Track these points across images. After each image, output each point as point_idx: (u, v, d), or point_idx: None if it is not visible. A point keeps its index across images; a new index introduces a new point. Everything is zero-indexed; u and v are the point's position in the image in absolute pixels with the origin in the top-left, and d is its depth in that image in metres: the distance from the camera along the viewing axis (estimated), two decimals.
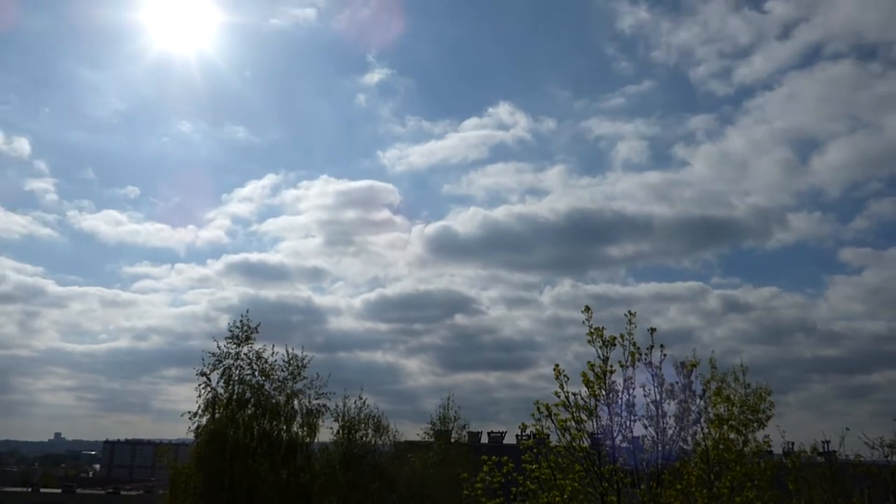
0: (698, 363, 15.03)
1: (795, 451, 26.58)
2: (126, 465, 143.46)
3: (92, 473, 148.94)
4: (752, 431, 19.36)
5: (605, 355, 12.75)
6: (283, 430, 27.10)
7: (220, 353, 26.75)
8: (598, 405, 12.64)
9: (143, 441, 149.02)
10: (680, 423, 13.79)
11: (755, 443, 18.53)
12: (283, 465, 26.60)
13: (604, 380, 12.64)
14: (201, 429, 25.91)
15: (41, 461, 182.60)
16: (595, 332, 12.84)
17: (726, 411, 17.29)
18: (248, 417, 26.42)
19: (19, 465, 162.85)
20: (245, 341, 27.08)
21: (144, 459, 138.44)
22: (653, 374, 13.33)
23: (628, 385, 12.87)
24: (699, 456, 15.89)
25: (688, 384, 14.18)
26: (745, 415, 19.83)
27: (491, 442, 59.11)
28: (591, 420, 12.62)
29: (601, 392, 12.64)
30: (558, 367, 12.67)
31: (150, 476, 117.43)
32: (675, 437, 13.65)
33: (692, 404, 14.28)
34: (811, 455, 26.31)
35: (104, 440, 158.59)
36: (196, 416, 25.86)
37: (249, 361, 26.99)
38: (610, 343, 12.78)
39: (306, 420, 27.52)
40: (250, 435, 26.38)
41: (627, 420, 12.84)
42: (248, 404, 26.52)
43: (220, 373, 26.52)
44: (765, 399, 21.36)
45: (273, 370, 27.27)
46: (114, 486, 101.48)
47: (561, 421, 12.50)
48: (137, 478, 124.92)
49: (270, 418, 26.74)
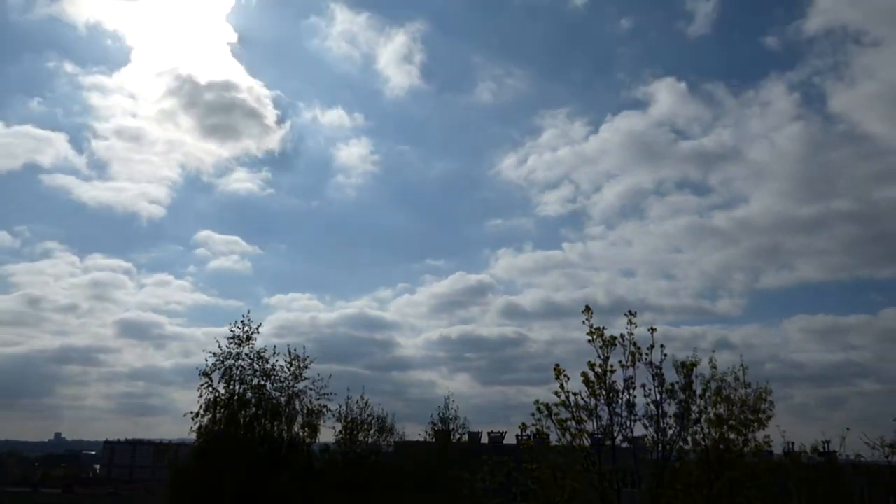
0: (698, 363, 15.06)
1: (795, 451, 26.62)
2: (126, 465, 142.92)
3: (92, 473, 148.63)
4: (752, 431, 19.35)
5: (605, 355, 12.79)
6: (284, 430, 27.09)
7: (222, 354, 26.79)
8: (598, 405, 12.68)
9: (143, 441, 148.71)
10: (680, 423, 13.80)
11: (755, 443, 18.53)
12: (284, 465, 26.60)
13: (604, 380, 12.67)
14: (202, 429, 25.93)
15: (41, 461, 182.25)
16: (595, 332, 12.87)
17: (726, 411, 17.29)
18: (249, 418, 26.42)
19: (19, 465, 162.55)
20: (246, 341, 27.11)
21: (144, 459, 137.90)
22: (653, 374, 13.35)
23: (628, 385, 12.90)
24: (699, 456, 15.90)
25: (688, 384, 14.19)
26: (745, 415, 19.81)
27: (491, 442, 59.07)
28: (592, 420, 12.66)
29: (601, 392, 12.67)
30: (559, 367, 12.72)
31: (150, 476, 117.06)
32: (675, 437, 13.66)
33: (692, 404, 14.28)
34: (811, 455, 26.34)
35: (104, 440, 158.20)
36: (197, 416, 25.90)
37: (251, 361, 27.04)
38: (610, 343, 12.81)
39: (307, 420, 27.53)
40: (251, 435, 26.37)
41: (627, 420, 12.87)
42: (249, 404, 26.52)
43: (221, 373, 26.55)
44: (765, 399, 21.35)
45: (274, 370, 27.31)
46: (114, 486, 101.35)
47: (561, 421, 12.53)
48: (137, 478, 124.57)
49: (271, 419, 26.73)
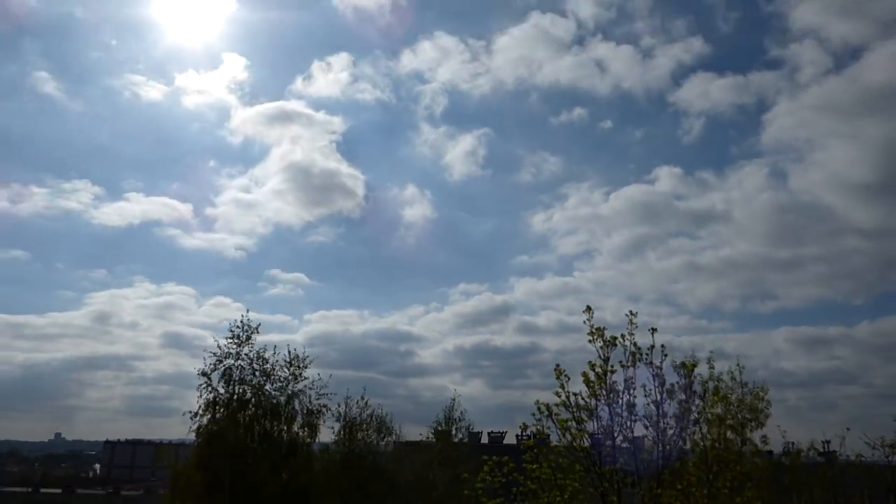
0: (698, 363, 15.07)
1: (794, 451, 26.60)
2: (126, 465, 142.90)
3: (92, 473, 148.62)
4: (750, 431, 19.39)
5: (605, 355, 12.80)
6: (284, 430, 27.09)
7: (221, 353, 26.80)
8: (598, 405, 12.68)
9: (143, 441, 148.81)
10: (680, 424, 13.81)
11: (753, 442, 18.55)
12: (284, 465, 26.60)
13: (604, 380, 12.67)
14: (202, 429, 25.94)
15: (41, 461, 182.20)
16: (596, 332, 12.87)
17: (724, 411, 17.31)
18: (248, 418, 26.42)
19: (19, 465, 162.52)
20: (246, 341, 27.11)
21: (144, 459, 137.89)
22: (653, 375, 13.35)
23: (629, 385, 12.91)
24: (698, 456, 15.91)
25: (688, 384, 14.20)
26: (743, 414, 19.84)
27: (491, 442, 59.12)
28: (592, 420, 12.66)
29: (602, 392, 12.68)
30: (559, 367, 12.73)
31: (150, 476, 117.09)
32: (675, 437, 13.67)
33: (692, 404, 14.29)
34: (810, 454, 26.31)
35: (104, 440, 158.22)
36: (197, 416, 25.91)
37: (250, 361, 27.03)
38: (611, 343, 12.82)
39: (307, 420, 27.53)
40: (251, 435, 26.37)
41: (628, 420, 12.87)
42: (248, 404, 26.52)
43: (220, 373, 26.56)
44: (762, 398, 21.37)
45: (274, 370, 27.31)
46: (114, 486, 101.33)
47: (562, 421, 12.53)
48: (137, 478, 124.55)
49: (271, 419, 26.73)
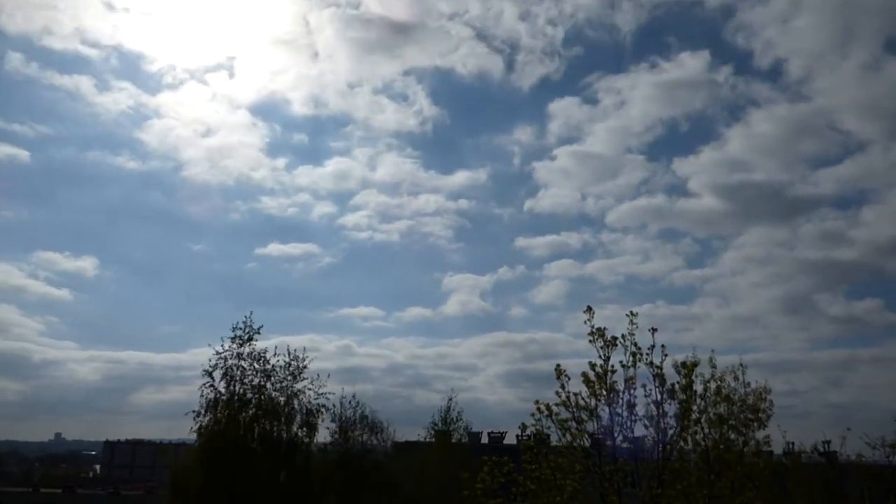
0: (698, 362, 15.03)
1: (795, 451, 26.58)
2: (126, 465, 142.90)
3: (92, 473, 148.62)
4: (752, 431, 19.32)
5: (606, 355, 12.77)
6: (284, 430, 27.11)
7: (223, 353, 26.80)
8: (598, 405, 12.65)
9: (143, 441, 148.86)
10: (680, 424, 13.78)
11: (755, 443, 18.49)
12: (284, 465, 26.61)
13: (604, 380, 12.64)
14: (203, 429, 25.94)
15: (41, 461, 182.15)
16: (596, 333, 12.85)
17: (726, 411, 17.25)
18: (249, 418, 26.43)
19: (19, 465, 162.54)
20: (247, 341, 27.12)
21: (144, 459, 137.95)
22: (654, 375, 13.31)
23: (629, 385, 12.88)
24: (699, 456, 15.87)
25: (688, 384, 14.17)
26: (745, 414, 19.78)
27: (491, 442, 59.05)
28: (592, 420, 12.63)
29: (602, 392, 12.65)
30: (559, 367, 12.70)
31: (150, 476, 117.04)
32: (675, 437, 13.64)
33: (693, 404, 14.26)
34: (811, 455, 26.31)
35: (104, 440, 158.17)
36: (199, 415, 25.93)
37: (251, 361, 27.04)
38: (611, 343, 12.79)
39: (306, 420, 27.53)
40: (251, 435, 26.38)
41: (628, 420, 12.84)
42: (249, 404, 26.53)
43: (222, 373, 26.56)
44: (765, 398, 21.31)
45: (275, 370, 27.30)
46: (114, 486, 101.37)
47: (561, 421, 12.51)
48: (137, 478, 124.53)
49: (271, 419, 26.75)
